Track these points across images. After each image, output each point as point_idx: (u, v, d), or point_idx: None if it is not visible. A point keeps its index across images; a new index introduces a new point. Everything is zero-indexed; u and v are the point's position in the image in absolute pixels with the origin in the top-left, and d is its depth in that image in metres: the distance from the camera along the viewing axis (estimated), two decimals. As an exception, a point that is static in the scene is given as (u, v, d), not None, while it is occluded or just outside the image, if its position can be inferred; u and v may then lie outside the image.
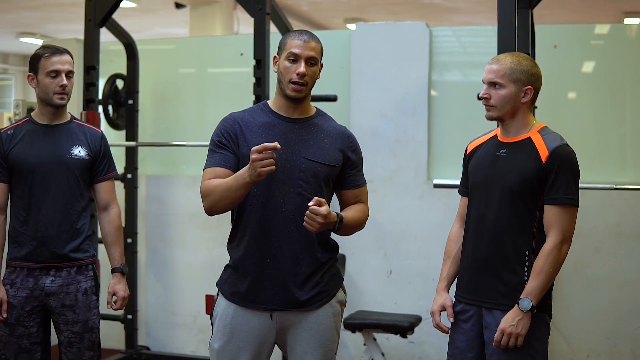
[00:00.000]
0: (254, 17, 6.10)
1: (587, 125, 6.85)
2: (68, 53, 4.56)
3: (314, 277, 3.74)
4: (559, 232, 3.70)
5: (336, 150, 3.78)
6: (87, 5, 6.39)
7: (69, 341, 4.55)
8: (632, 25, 9.97)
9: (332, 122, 3.89)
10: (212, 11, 13.55)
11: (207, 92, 8.00)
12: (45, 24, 16.14)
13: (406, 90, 7.00)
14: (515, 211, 3.78)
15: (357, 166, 3.88)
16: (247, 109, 3.92)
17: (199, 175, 7.26)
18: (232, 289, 3.87)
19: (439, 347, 6.80)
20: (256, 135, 3.71)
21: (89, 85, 6.41)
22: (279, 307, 3.73)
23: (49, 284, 4.49)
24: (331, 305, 3.81)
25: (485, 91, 3.84)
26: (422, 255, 6.85)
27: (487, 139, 4.03)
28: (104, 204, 4.72)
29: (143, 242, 7.71)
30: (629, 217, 6.51)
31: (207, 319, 7.09)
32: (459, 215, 4.14)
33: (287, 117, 3.77)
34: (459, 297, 3.99)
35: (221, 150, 3.76)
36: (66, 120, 4.64)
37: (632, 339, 6.50)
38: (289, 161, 3.68)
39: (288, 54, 3.69)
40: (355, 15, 15.04)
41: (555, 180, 3.70)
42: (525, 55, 3.92)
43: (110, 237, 4.73)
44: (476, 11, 14.34)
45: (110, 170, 4.76)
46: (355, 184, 3.88)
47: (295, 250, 3.70)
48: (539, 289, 3.69)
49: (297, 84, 3.66)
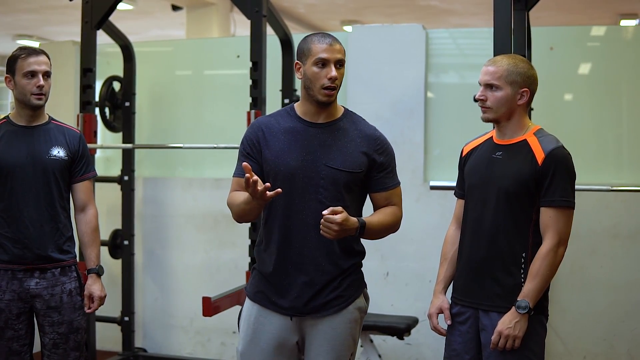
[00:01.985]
0: (251, 19, 6.11)
1: (584, 127, 6.86)
2: (45, 54, 4.52)
3: (333, 283, 3.73)
4: (556, 234, 3.70)
5: (360, 154, 3.74)
6: (84, 8, 6.38)
7: (55, 342, 4.52)
8: (629, 27, 9.99)
9: (360, 123, 3.85)
10: (209, 13, 13.55)
11: (203, 94, 8.01)
12: (42, 27, 16.13)
13: (403, 92, 7.00)
14: (512, 213, 3.78)
15: (385, 168, 3.83)
16: (274, 112, 3.91)
17: (196, 177, 7.29)
18: (256, 289, 3.85)
19: (435, 348, 6.80)
20: (279, 141, 3.73)
21: (85, 88, 6.40)
22: (298, 312, 3.75)
23: (34, 286, 4.47)
24: (348, 311, 3.79)
25: (481, 93, 3.84)
26: (419, 257, 6.86)
27: (482, 141, 4.03)
28: (81, 204, 4.68)
29: (140, 244, 7.70)
30: (625, 219, 6.52)
31: (204, 321, 7.14)
32: (455, 217, 4.14)
33: (312, 122, 3.75)
34: (456, 299, 3.99)
35: (245, 159, 3.75)
36: (44, 121, 4.60)
37: (629, 340, 6.51)
38: (310, 168, 3.68)
39: (316, 59, 3.62)
40: (351, 17, 15.04)
41: (552, 183, 3.70)
42: (522, 57, 3.92)
43: (87, 238, 4.68)
44: (472, 13, 14.35)
45: (89, 170, 4.71)
46: (384, 186, 3.83)
47: (316, 257, 3.71)
48: (536, 291, 3.69)
49: (329, 88, 3.63)
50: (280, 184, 3.65)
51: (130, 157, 7.38)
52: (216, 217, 7.52)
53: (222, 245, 7.51)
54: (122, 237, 7.35)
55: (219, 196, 7.53)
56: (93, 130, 6.42)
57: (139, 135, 7.60)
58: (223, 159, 7.62)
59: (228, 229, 7.46)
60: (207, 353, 7.58)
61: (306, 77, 3.67)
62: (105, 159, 8.07)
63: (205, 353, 7.59)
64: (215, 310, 5.76)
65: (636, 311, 6.49)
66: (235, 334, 7.41)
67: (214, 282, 7.36)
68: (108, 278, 7.26)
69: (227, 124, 7.63)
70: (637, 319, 6.48)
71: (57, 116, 4.76)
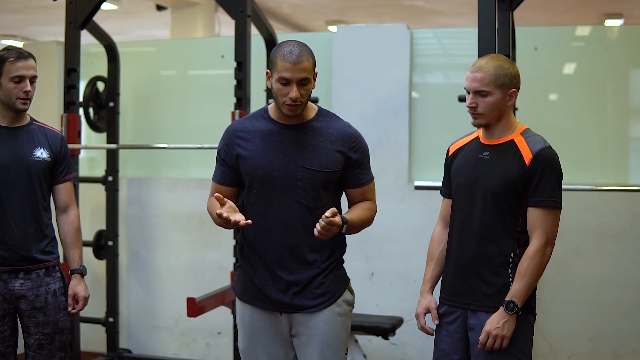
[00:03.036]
0: (235, 19, 6.10)
1: (569, 127, 6.87)
2: (32, 57, 4.48)
3: (317, 279, 3.77)
4: (543, 234, 3.71)
5: (335, 153, 3.77)
6: (68, 8, 6.36)
7: (40, 343, 4.49)
8: (613, 27, 9.99)
9: (335, 121, 3.86)
10: (194, 13, 13.54)
11: (188, 94, 7.99)
12: (26, 26, 16.06)
13: (387, 92, 7.00)
14: (499, 213, 3.77)
15: (360, 164, 3.85)
16: (249, 115, 3.95)
17: (181, 178, 7.28)
18: (244, 290, 3.90)
19: (420, 348, 6.81)
20: (254, 144, 3.78)
21: (69, 88, 6.38)
22: (285, 309, 3.80)
23: (19, 287, 4.44)
24: (337, 305, 3.82)
25: (471, 100, 3.80)
26: (404, 257, 6.86)
27: (469, 140, 4.02)
28: (63, 205, 4.66)
29: (124, 245, 7.68)
30: (610, 218, 6.53)
31: (188, 321, 7.13)
32: (442, 216, 4.13)
33: (285, 123, 3.78)
34: (444, 299, 3.98)
35: (221, 167, 3.89)
36: (26, 122, 4.57)
37: (614, 339, 6.52)
38: (287, 170, 3.73)
39: (279, 77, 3.61)
40: (336, 17, 15.03)
41: (539, 183, 3.70)
42: (504, 57, 3.90)
43: (69, 239, 4.66)
44: (457, 13, 14.37)
45: (70, 171, 4.69)
46: (359, 182, 3.87)
47: (296, 255, 3.76)
48: (524, 291, 3.69)
49: (291, 105, 3.65)
50: (257, 186, 3.77)
51: (115, 157, 7.35)
52: (201, 218, 7.50)
53: (207, 245, 7.50)
54: (107, 238, 7.32)
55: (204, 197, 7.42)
56: (77, 130, 6.39)
57: (124, 136, 7.58)
58: (208, 159, 7.57)
59: (213, 229, 7.41)
60: (192, 354, 7.57)
61: (272, 89, 3.70)
62: (90, 159, 8.04)
63: (190, 354, 7.57)
64: (199, 311, 5.76)
65: (621, 311, 6.50)
66: (220, 335, 7.40)
67: (199, 282, 7.34)
68: (92, 279, 7.23)
69: (212, 124, 7.61)
70: (622, 318, 6.50)
71: (41, 116, 4.74)
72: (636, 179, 6.86)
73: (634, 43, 6.90)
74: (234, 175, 3.84)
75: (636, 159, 6.99)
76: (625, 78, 6.95)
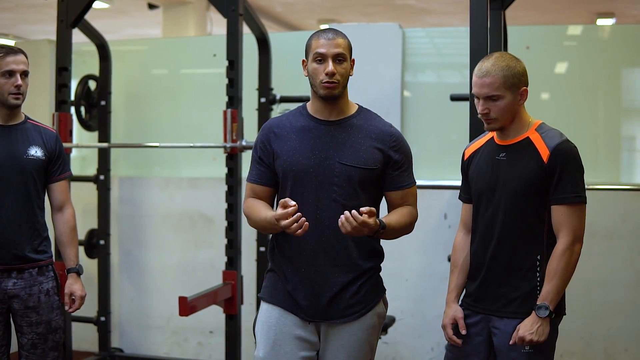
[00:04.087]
0: (227, 18, 6.10)
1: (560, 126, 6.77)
2: (23, 53, 4.48)
3: (352, 287, 3.64)
4: (570, 231, 3.64)
5: (374, 150, 3.65)
6: (60, 6, 6.35)
7: (33, 343, 4.49)
8: (605, 26, 10.02)
9: (375, 120, 3.78)
10: (185, 12, 13.53)
11: (180, 93, 7.98)
12: (18, 25, 16.04)
13: (379, 92, 7.00)
14: (523, 215, 3.70)
15: (401, 166, 3.72)
16: (287, 112, 3.87)
17: (172, 177, 7.27)
18: (275, 293, 3.74)
19: (412, 347, 6.81)
20: (291, 140, 3.68)
21: (61, 87, 6.37)
22: (316, 317, 3.65)
23: (12, 287, 4.43)
24: (367, 317, 3.69)
25: (483, 106, 3.71)
26: (396, 256, 6.84)
27: (483, 142, 3.94)
28: (58, 204, 4.67)
29: (116, 244, 7.67)
30: (601, 218, 6.53)
31: (180, 320, 7.13)
32: (463, 222, 4.03)
33: (323, 119, 3.69)
34: (467, 304, 3.90)
35: (258, 165, 3.76)
36: (21, 120, 4.57)
37: (605, 339, 6.53)
38: (323, 166, 3.61)
39: (314, 54, 3.58)
40: (328, 16, 15.04)
41: (560, 179, 3.63)
42: (509, 55, 3.81)
43: (65, 237, 4.67)
44: (449, 12, 14.38)
45: (65, 170, 4.70)
46: (400, 185, 3.73)
47: (331, 258, 3.62)
48: (555, 293, 3.63)
49: (327, 82, 3.57)
50: (291, 182, 3.64)
51: (106, 156, 7.34)
52: (192, 217, 7.50)
53: (199, 245, 7.49)
54: (98, 237, 7.31)
55: (196, 196, 7.52)
56: (68, 129, 6.39)
57: (115, 135, 7.57)
58: (200, 158, 7.60)
59: (204, 228, 7.45)
60: (184, 353, 7.56)
61: (309, 73, 3.64)
62: (81, 158, 8.03)
63: (182, 353, 7.57)
64: (191, 310, 5.75)
65: (612, 310, 6.51)
66: (212, 334, 7.40)
67: (191, 281, 7.34)
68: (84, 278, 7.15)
69: (204, 123, 7.61)
70: (613, 318, 6.51)
71: (33, 115, 4.74)
72: (628, 178, 6.88)
73: (626, 42, 6.91)
74: (271, 174, 3.72)
75: (628, 158, 7.00)
76: (617, 77, 6.95)
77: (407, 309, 6.84)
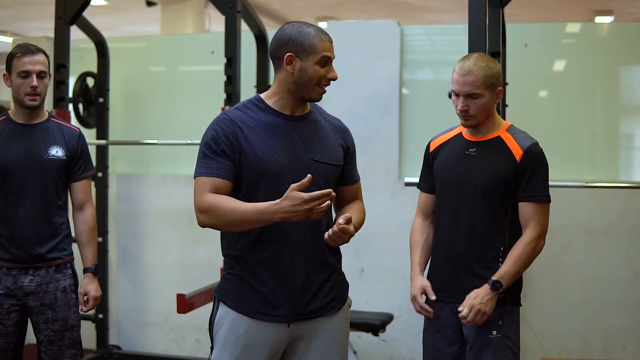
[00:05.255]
0: (225, 15, 6.10)
1: (558, 124, 6.88)
2: (43, 52, 4.46)
3: (329, 282, 3.55)
4: (538, 226, 3.80)
5: (338, 146, 3.60)
6: (58, 3, 6.34)
7: (50, 340, 4.50)
8: (603, 24, 10.00)
9: (326, 115, 3.69)
10: (184, 9, 13.52)
11: (178, 91, 7.97)
12: (16, 22, 16.02)
13: (377, 89, 7.00)
14: (490, 209, 3.83)
15: (352, 160, 3.70)
16: (239, 105, 3.58)
17: (170, 174, 7.23)
18: (242, 300, 3.51)
19: (410, 345, 6.81)
20: (259, 136, 3.42)
21: (59, 84, 6.37)
22: (297, 317, 3.49)
23: (28, 283, 4.44)
24: (344, 310, 3.64)
25: (463, 104, 3.83)
26: (394, 253, 6.85)
27: (451, 136, 4.08)
28: (79, 203, 4.67)
29: (114, 241, 7.67)
30: (599, 215, 6.54)
31: (178, 318, 7.11)
32: (421, 209, 4.18)
33: (289, 115, 3.51)
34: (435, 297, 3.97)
35: (219, 158, 3.43)
36: (44, 119, 4.57)
37: (603, 336, 6.53)
38: (298, 164, 3.43)
39: (322, 57, 3.43)
40: (326, 13, 15.02)
41: (531, 179, 3.79)
42: (487, 56, 3.96)
43: (84, 237, 4.67)
44: (447, 10, 14.37)
45: (87, 169, 4.69)
46: (354, 179, 3.72)
47: (309, 258, 3.48)
48: (512, 276, 3.76)
49: (323, 88, 3.48)
50: (267, 183, 3.40)
51: (104, 153, 7.35)
52: (190, 214, 7.44)
53: (196, 242, 7.49)
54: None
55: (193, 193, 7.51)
56: (66, 126, 6.40)
57: (113, 132, 7.57)
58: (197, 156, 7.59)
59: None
60: (182, 350, 7.56)
61: (303, 73, 3.42)
62: (79, 155, 8.03)
63: (180, 350, 7.57)
64: (189, 307, 5.75)
65: (610, 308, 6.51)
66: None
67: (188, 279, 7.34)
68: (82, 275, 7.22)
69: (202, 121, 7.50)
70: (611, 315, 6.51)
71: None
72: (625, 176, 6.88)
73: (624, 40, 6.91)
74: (235, 169, 3.40)
75: (625, 155, 7.01)
76: (615, 75, 6.95)
77: (405, 307, 6.82)
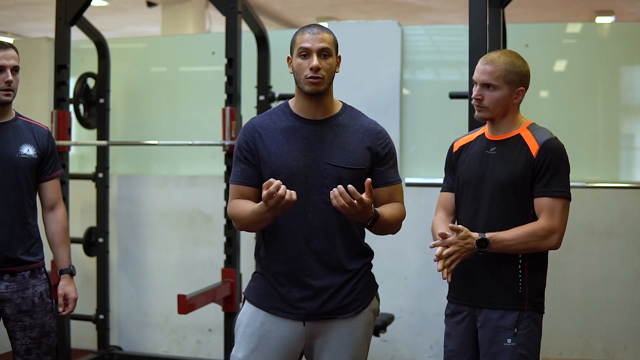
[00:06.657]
0: (226, 15, 6.10)
1: (559, 124, 6.86)
2: (13, 48, 4.32)
3: (347, 285, 3.57)
4: (549, 220, 3.65)
5: (363, 149, 3.58)
6: (58, 4, 6.36)
7: (27, 348, 4.36)
8: (604, 24, 9.99)
9: (360, 117, 3.69)
10: (184, 10, 13.50)
11: (178, 91, 7.97)
12: (16, 23, 16.01)
13: (378, 89, 7.00)
14: (508, 208, 3.72)
15: (387, 162, 3.66)
16: (268, 111, 3.71)
17: (171, 175, 7.25)
18: (262, 296, 3.63)
19: (411, 345, 6.81)
20: (277, 141, 3.55)
21: (59, 84, 6.37)
22: (313, 316, 3.56)
23: (4, 290, 4.31)
24: (364, 314, 3.64)
25: (478, 92, 3.77)
26: (394, 253, 6.84)
27: (474, 137, 3.98)
28: (50, 203, 4.52)
29: (115, 242, 7.67)
30: (600, 215, 6.54)
31: (179, 318, 7.12)
32: (442, 206, 4.04)
33: (309, 119, 3.58)
34: (452, 297, 3.93)
35: (242, 165, 3.60)
36: (12, 117, 4.42)
37: (604, 336, 6.53)
38: (312, 168, 3.51)
39: (299, 49, 3.51)
40: (327, 14, 15.01)
41: (546, 173, 3.66)
42: (517, 54, 3.87)
43: (58, 238, 4.53)
44: (448, 10, 14.36)
45: (57, 168, 4.54)
46: (387, 180, 3.66)
47: (323, 261, 3.54)
48: (505, 243, 3.62)
49: (312, 78, 3.49)
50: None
51: (105, 154, 7.33)
52: (191, 215, 7.50)
53: (197, 242, 7.49)
54: (97, 235, 7.29)
55: (194, 194, 7.52)
56: (67, 127, 6.40)
57: (114, 132, 7.56)
58: (198, 156, 7.60)
59: (203, 226, 7.45)
60: (183, 351, 7.56)
61: (294, 70, 3.55)
62: (80, 156, 8.03)
63: (180, 351, 7.56)
64: (190, 308, 5.74)
65: (611, 308, 6.52)
66: (210, 332, 7.39)
67: (189, 279, 7.34)
68: (83, 276, 7.23)
69: (202, 121, 7.61)
70: (612, 315, 6.51)
71: (31, 113, 4.69)
72: (626, 176, 6.88)
73: (624, 40, 6.91)
74: (258, 175, 3.56)
75: (626, 156, 7.01)
76: (616, 75, 6.96)
77: (406, 307, 6.84)
